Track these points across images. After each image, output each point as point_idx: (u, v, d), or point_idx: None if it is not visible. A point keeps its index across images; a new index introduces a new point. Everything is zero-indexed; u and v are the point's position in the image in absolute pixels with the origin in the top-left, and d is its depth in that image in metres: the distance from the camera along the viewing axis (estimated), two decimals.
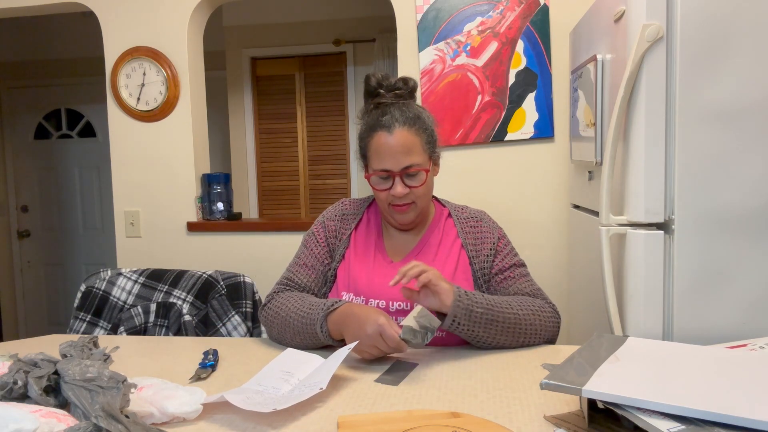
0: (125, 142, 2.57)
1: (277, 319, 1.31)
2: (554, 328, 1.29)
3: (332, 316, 1.21)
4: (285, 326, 1.29)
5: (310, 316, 1.24)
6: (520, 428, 0.89)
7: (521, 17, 2.20)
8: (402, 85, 1.35)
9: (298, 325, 1.26)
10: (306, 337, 1.26)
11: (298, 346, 1.28)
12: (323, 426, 0.92)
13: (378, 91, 1.35)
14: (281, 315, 1.30)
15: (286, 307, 1.31)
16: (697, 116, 1.27)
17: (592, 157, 1.56)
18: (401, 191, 1.28)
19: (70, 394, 0.86)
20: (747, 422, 0.73)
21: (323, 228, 1.43)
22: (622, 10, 1.34)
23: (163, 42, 2.50)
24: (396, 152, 1.27)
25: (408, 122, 1.29)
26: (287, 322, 1.28)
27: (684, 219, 1.29)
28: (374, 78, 1.35)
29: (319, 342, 1.25)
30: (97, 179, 4.30)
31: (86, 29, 3.99)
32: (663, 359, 0.95)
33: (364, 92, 1.38)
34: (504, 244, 1.39)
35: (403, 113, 1.30)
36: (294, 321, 1.27)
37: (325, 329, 1.22)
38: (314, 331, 1.23)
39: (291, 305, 1.30)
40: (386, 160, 1.28)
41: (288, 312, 1.29)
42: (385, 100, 1.34)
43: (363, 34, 3.84)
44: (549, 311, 1.29)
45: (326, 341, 1.23)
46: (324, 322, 1.22)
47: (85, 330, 1.74)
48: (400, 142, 1.27)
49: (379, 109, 1.33)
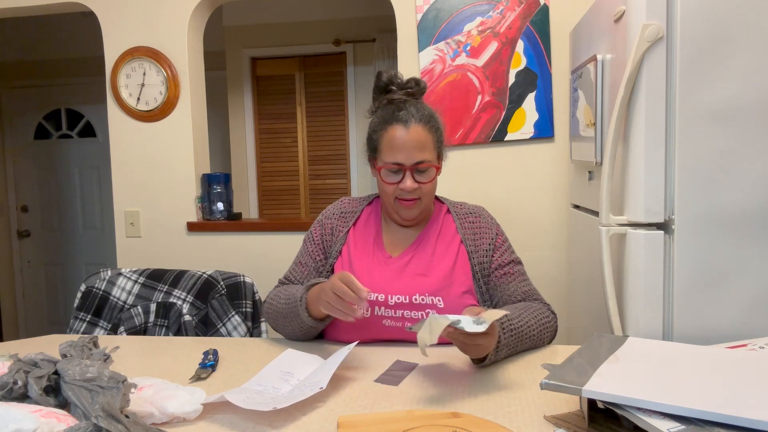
0: (125, 142, 2.57)
1: (271, 309, 1.38)
2: (553, 332, 1.32)
3: (312, 291, 1.26)
4: (277, 314, 1.35)
5: (294, 296, 1.30)
6: (520, 428, 0.89)
7: (521, 17, 2.20)
8: (414, 84, 1.38)
9: (286, 309, 1.32)
10: (293, 320, 1.30)
11: (290, 334, 1.35)
12: (323, 426, 0.92)
13: (390, 88, 1.38)
14: (273, 305, 1.38)
15: (278, 297, 1.37)
16: (697, 116, 1.27)
17: (592, 157, 1.56)
18: (411, 185, 1.30)
19: (70, 394, 0.86)
20: (747, 422, 0.73)
21: (320, 226, 1.47)
22: (622, 10, 1.34)
23: (163, 42, 2.50)
24: (410, 147, 1.30)
25: (423, 119, 1.33)
26: (278, 310, 1.35)
27: (684, 219, 1.29)
28: (386, 74, 1.38)
29: (304, 323, 1.28)
30: (97, 179, 4.30)
31: (86, 29, 3.99)
32: (663, 359, 0.95)
33: (374, 88, 1.41)
34: (502, 240, 1.40)
35: (418, 110, 1.34)
36: (283, 306, 1.33)
37: (304, 302, 1.26)
38: (297, 311, 1.28)
39: (282, 293, 1.37)
40: (399, 154, 1.30)
41: (278, 300, 1.36)
42: (397, 96, 1.36)
43: (363, 34, 3.84)
44: (551, 319, 1.31)
45: (308, 321, 1.27)
46: (305, 295, 1.27)
47: (85, 330, 1.74)
48: (415, 137, 1.30)
49: (394, 104, 1.36)
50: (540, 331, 1.26)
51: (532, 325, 1.24)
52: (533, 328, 1.24)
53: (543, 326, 1.27)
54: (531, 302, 1.33)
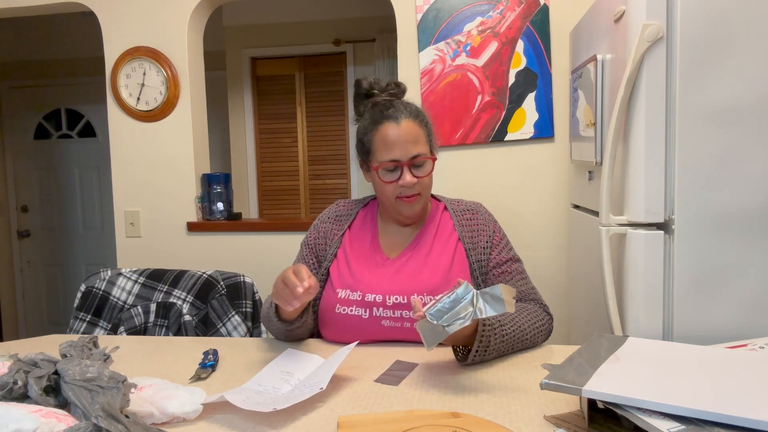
0: (125, 142, 2.57)
1: (261, 313, 1.41)
2: (548, 333, 1.32)
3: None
4: (263, 318, 1.38)
5: (268, 300, 1.32)
6: (520, 428, 0.89)
7: (521, 17, 2.20)
8: (394, 86, 1.40)
9: (266, 314, 1.34)
10: (273, 324, 1.32)
11: (277, 336, 1.37)
12: (323, 426, 0.92)
13: (372, 92, 1.39)
14: (262, 309, 1.40)
15: (266, 301, 1.39)
16: (697, 116, 1.27)
17: (592, 157, 1.56)
18: (410, 180, 1.30)
19: (70, 394, 0.86)
20: (747, 422, 0.73)
21: (315, 231, 1.48)
22: (622, 10, 1.34)
23: (163, 42, 2.50)
24: (404, 141, 1.30)
25: (413, 114, 1.34)
26: (263, 314, 1.38)
27: (684, 219, 1.29)
28: (365, 81, 1.40)
29: (278, 327, 1.30)
30: (97, 179, 4.30)
31: (86, 29, 3.99)
32: (663, 359, 0.95)
33: (354, 95, 1.42)
34: (500, 237, 1.41)
35: (406, 107, 1.35)
36: (265, 310, 1.35)
37: (273, 305, 1.28)
38: (270, 312, 1.30)
39: (268, 298, 1.38)
40: (394, 150, 1.30)
41: (265, 304, 1.38)
42: (381, 98, 1.37)
43: (363, 34, 3.84)
44: (545, 321, 1.32)
45: (279, 323, 1.29)
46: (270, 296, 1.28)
47: (85, 330, 1.74)
48: (407, 132, 1.31)
49: (380, 105, 1.36)
50: (533, 334, 1.26)
51: (525, 329, 1.25)
52: (526, 332, 1.25)
53: (536, 329, 1.27)
54: (527, 303, 1.33)
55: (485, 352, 1.16)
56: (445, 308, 1.03)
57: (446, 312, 1.03)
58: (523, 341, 1.24)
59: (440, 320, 1.02)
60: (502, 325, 1.20)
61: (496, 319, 1.19)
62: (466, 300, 1.03)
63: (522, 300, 1.35)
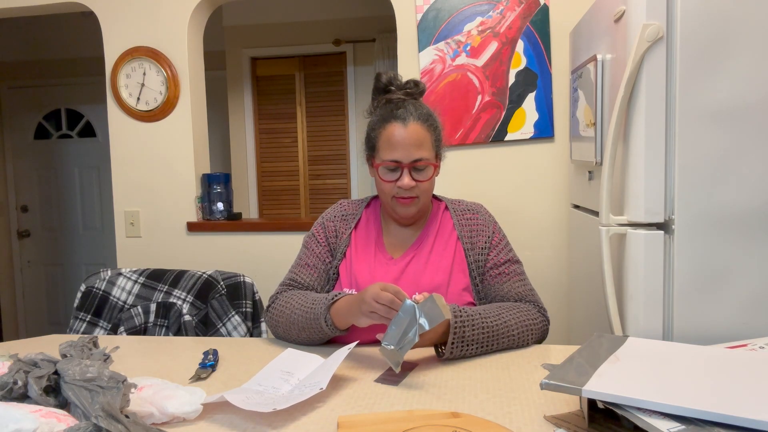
0: (125, 142, 2.57)
1: (282, 317, 1.33)
2: (541, 334, 1.32)
3: (335, 307, 1.24)
4: (290, 324, 1.31)
5: (313, 311, 1.26)
6: (520, 428, 0.89)
7: (521, 17, 2.20)
8: (413, 85, 1.39)
9: (303, 321, 1.28)
10: (312, 332, 1.28)
11: (304, 341, 1.31)
12: (323, 426, 0.92)
13: (389, 88, 1.39)
14: (286, 314, 1.32)
15: (290, 305, 1.33)
16: (697, 116, 1.27)
17: (592, 157, 1.56)
18: (408, 183, 1.30)
19: (70, 394, 0.86)
20: (747, 422, 0.73)
21: (323, 228, 1.45)
22: (622, 10, 1.34)
23: (163, 42, 2.50)
24: (408, 144, 1.30)
25: (422, 117, 1.33)
26: (292, 320, 1.31)
27: (684, 219, 1.29)
28: (385, 75, 1.39)
29: (325, 335, 1.27)
30: (97, 179, 4.30)
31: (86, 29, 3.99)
32: (663, 359, 0.95)
33: (373, 89, 1.41)
34: (499, 238, 1.40)
35: (417, 109, 1.34)
36: (299, 318, 1.29)
37: (329, 321, 1.23)
38: (319, 325, 1.25)
39: (294, 303, 1.32)
40: (397, 151, 1.30)
41: (292, 310, 1.31)
42: (396, 96, 1.37)
43: (363, 34, 3.84)
44: (538, 320, 1.31)
45: (332, 333, 1.25)
46: (327, 314, 1.24)
47: (85, 330, 1.74)
48: (413, 135, 1.31)
49: (393, 103, 1.36)
50: (521, 331, 1.26)
51: (511, 325, 1.24)
52: (512, 328, 1.24)
53: (525, 327, 1.27)
54: (520, 303, 1.33)
55: (462, 344, 1.17)
56: (392, 331, 1.08)
57: (397, 334, 1.08)
58: (509, 337, 1.24)
59: (395, 345, 1.07)
60: (483, 318, 1.21)
61: (476, 311, 1.21)
62: (409, 317, 1.08)
63: (519, 301, 1.35)
